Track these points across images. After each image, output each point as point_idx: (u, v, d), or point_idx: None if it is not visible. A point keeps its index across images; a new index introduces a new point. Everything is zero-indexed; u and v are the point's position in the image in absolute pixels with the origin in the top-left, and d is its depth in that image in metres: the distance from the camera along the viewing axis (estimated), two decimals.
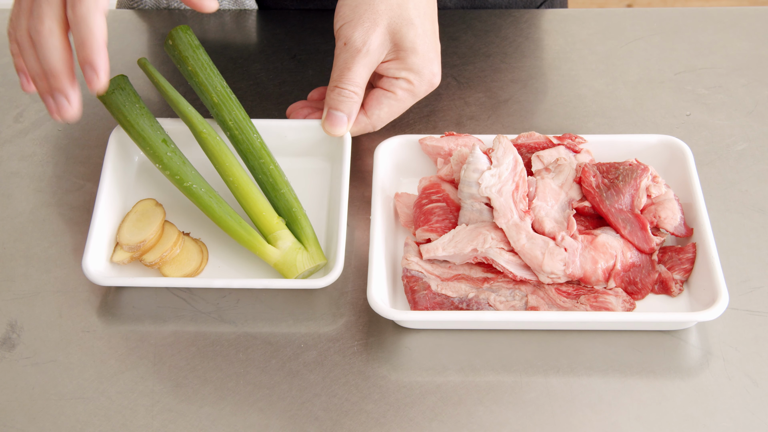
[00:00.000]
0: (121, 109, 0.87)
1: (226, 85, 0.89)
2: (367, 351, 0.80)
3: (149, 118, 0.88)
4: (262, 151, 0.87)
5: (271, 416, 0.77)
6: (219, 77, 0.90)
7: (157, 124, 0.88)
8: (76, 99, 0.75)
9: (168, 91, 0.88)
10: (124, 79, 0.89)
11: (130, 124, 0.87)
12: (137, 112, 0.87)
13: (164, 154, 0.86)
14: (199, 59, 0.89)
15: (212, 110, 0.89)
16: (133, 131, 0.87)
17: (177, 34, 0.90)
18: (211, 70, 0.89)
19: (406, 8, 0.87)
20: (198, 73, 0.89)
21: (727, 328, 0.81)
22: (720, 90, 0.99)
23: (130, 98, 0.88)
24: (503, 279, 0.82)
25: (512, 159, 0.84)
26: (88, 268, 0.81)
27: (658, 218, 0.84)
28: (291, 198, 0.85)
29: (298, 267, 0.82)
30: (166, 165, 0.86)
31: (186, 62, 0.89)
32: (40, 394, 0.78)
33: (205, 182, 0.86)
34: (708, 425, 0.75)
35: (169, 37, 0.90)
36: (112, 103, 0.88)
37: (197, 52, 0.90)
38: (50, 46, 0.74)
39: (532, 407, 0.77)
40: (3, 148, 0.97)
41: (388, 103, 0.90)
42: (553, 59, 1.04)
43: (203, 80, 0.89)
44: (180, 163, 0.86)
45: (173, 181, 0.86)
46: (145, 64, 0.90)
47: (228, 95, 0.89)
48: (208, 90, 0.89)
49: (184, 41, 0.90)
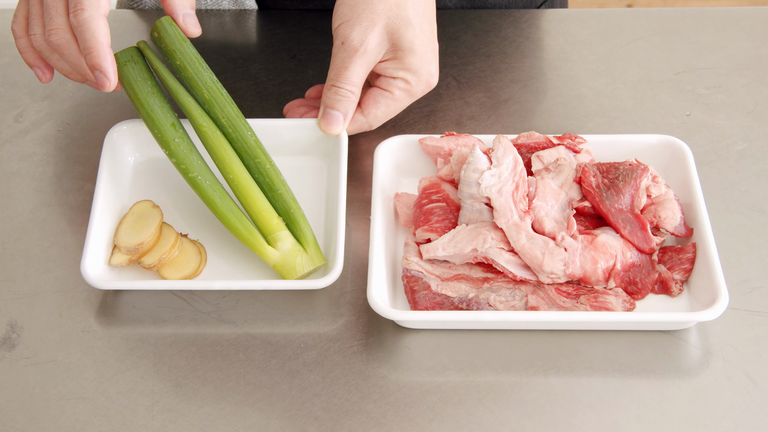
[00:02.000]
0: (132, 84, 0.84)
1: (216, 80, 0.86)
2: (367, 351, 0.80)
3: (160, 98, 0.85)
4: (257, 150, 0.85)
5: (271, 416, 0.77)
6: (209, 72, 0.86)
7: (168, 106, 0.85)
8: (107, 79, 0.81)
9: (167, 80, 0.85)
10: (137, 52, 0.86)
11: (140, 102, 0.84)
12: (148, 90, 0.84)
13: (172, 140, 0.83)
14: (187, 53, 0.85)
15: (204, 107, 0.86)
16: (142, 110, 0.84)
17: (162, 25, 0.85)
18: (200, 64, 0.85)
19: (405, 8, 0.87)
20: (186, 68, 0.85)
21: (727, 328, 0.81)
22: (720, 90, 0.99)
23: (142, 74, 0.85)
24: (503, 279, 0.82)
25: (512, 159, 0.84)
26: (87, 272, 0.81)
27: (658, 218, 0.84)
28: (289, 199, 0.85)
29: (297, 270, 0.82)
30: (173, 152, 0.83)
31: (173, 56, 0.85)
32: (40, 394, 0.78)
33: (212, 174, 0.84)
34: (708, 425, 0.75)
35: (155, 29, 0.85)
36: (123, 76, 0.84)
37: (184, 45, 0.85)
38: (72, 53, 0.81)
39: (532, 407, 0.77)
40: (3, 148, 0.96)
41: (385, 102, 0.90)
42: (553, 59, 1.04)
43: (192, 75, 0.85)
44: (187, 151, 0.84)
45: (179, 169, 0.84)
46: (145, 48, 0.86)
47: (219, 91, 0.85)
48: (198, 86, 0.85)
49: (170, 33, 0.85)
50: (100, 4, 0.79)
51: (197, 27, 0.85)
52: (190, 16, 0.85)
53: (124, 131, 0.91)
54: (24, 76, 1.03)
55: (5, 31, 1.07)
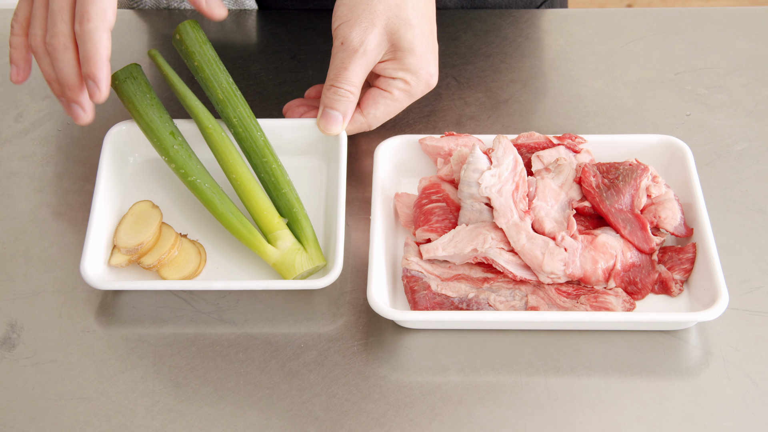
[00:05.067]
0: (132, 98, 0.88)
1: (232, 81, 0.89)
2: (367, 351, 0.80)
3: (159, 109, 0.88)
4: (265, 149, 0.87)
5: (271, 416, 0.77)
6: (225, 74, 0.89)
7: (167, 116, 0.88)
8: (89, 107, 0.83)
9: (176, 84, 0.89)
10: (137, 69, 0.89)
11: (139, 114, 0.87)
12: (147, 103, 0.88)
13: (171, 147, 0.86)
14: (206, 55, 0.89)
15: (217, 107, 0.89)
16: (141, 122, 0.87)
17: (185, 28, 0.90)
18: (218, 66, 0.89)
19: (404, 8, 0.87)
20: (204, 69, 0.89)
21: (727, 328, 0.81)
22: (720, 90, 0.99)
23: (141, 88, 0.88)
24: (503, 279, 0.82)
25: (512, 159, 0.84)
26: (86, 272, 0.81)
27: (658, 218, 0.84)
28: (292, 198, 0.85)
29: (296, 268, 0.82)
30: (172, 158, 0.86)
31: (192, 57, 0.89)
32: (40, 394, 0.78)
33: (210, 177, 0.86)
34: (708, 425, 0.75)
35: (177, 32, 0.90)
36: (123, 92, 0.88)
37: (204, 47, 0.89)
38: (65, 59, 0.80)
39: (532, 407, 0.77)
40: (3, 148, 0.97)
41: (385, 102, 0.90)
42: (553, 59, 1.04)
43: (209, 76, 0.89)
44: (186, 157, 0.86)
45: (178, 174, 0.86)
46: (155, 55, 0.90)
47: (233, 92, 0.89)
48: (214, 86, 0.89)
49: (192, 36, 0.89)
50: (106, 17, 0.80)
51: (222, 8, 0.88)
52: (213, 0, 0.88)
53: (124, 131, 0.91)
54: None
55: (5, 31, 1.07)
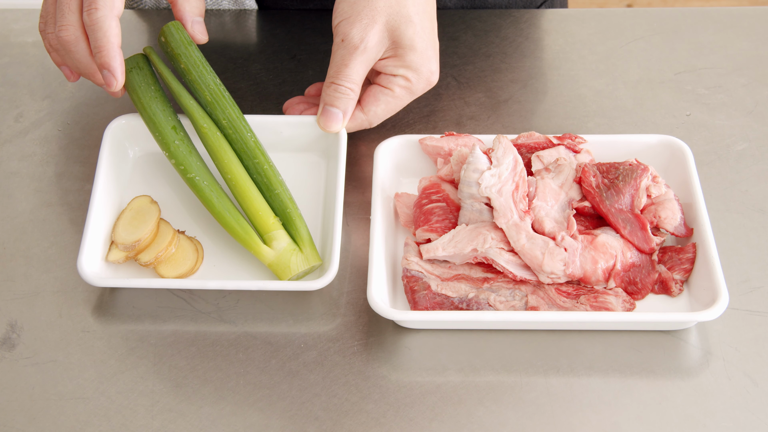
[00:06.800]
0: (136, 89, 0.87)
1: (219, 82, 0.88)
2: (367, 351, 0.80)
3: (162, 103, 0.87)
4: (256, 150, 0.86)
5: (271, 416, 0.77)
6: (212, 75, 0.88)
7: (170, 110, 0.88)
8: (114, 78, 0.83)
9: (171, 83, 0.88)
10: (143, 59, 0.89)
11: (143, 106, 0.87)
12: (151, 95, 0.87)
13: (172, 142, 0.86)
14: (192, 56, 0.88)
15: (206, 109, 0.88)
16: (144, 114, 0.87)
17: (169, 30, 0.88)
18: (204, 67, 0.88)
19: (405, 5, 0.87)
20: (191, 71, 0.88)
21: (727, 328, 0.81)
22: (720, 90, 0.99)
23: (147, 79, 0.88)
24: (503, 279, 0.82)
25: (512, 159, 0.84)
26: (83, 269, 0.81)
27: (658, 218, 0.84)
28: (286, 198, 0.85)
29: (292, 269, 0.82)
30: (173, 153, 0.86)
31: (178, 59, 0.88)
32: (40, 394, 0.78)
33: (210, 175, 0.86)
34: (708, 425, 0.75)
35: (162, 34, 0.89)
36: (128, 82, 0.87)
37: (189, 48, 0.88)
38: (79, 51, 0.83)
39: (532, 407, 0.77)
40: (3, 148, 0.96)
41: (385, 100, 0.90)
42: (553, 59, 1.04)
43: (196, 78, 0.88)
44: (186, 153, 0.86)
45: (178, 170, 0.86)
46: (151, 53, 0.89)
47: (221, 93, 0.88)
48: (201, 88, 0.87)
49: (176, 38, 0.88)
50: (114, 5, 0.80)
51: (204, 35, 0.89)
52: (198, 24, 0.89)
53: (124, 125, 0.91)
54: (24, 76, 1.03)
55: (5, 31, 1.07)
